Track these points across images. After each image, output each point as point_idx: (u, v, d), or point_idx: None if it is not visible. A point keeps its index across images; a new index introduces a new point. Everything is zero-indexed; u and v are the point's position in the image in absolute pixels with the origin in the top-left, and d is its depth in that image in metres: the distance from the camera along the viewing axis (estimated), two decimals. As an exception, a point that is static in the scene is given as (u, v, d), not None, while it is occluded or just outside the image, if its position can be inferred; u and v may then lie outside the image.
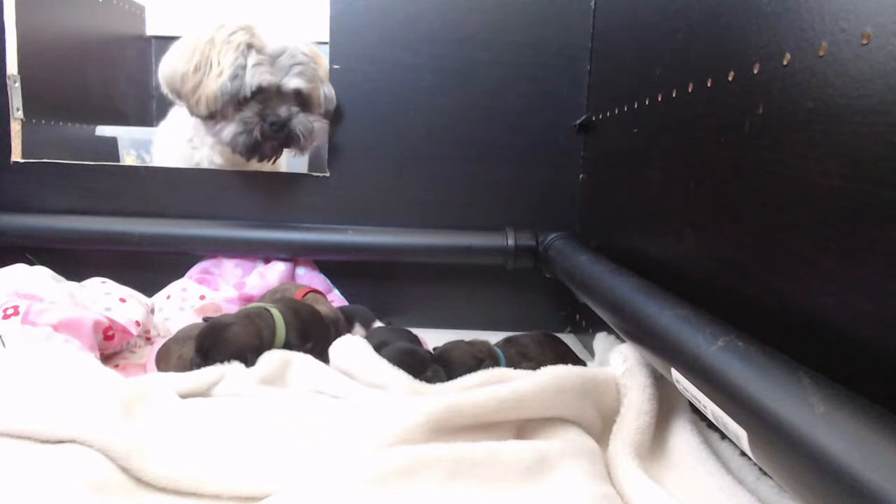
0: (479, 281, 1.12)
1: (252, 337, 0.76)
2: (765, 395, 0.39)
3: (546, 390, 0.60)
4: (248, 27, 1.01)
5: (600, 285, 0.74)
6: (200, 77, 1.02)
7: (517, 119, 1.07)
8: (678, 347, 0.51)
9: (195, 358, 0.73)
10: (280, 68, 1.02)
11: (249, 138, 1.01)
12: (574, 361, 0.80)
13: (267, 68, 1.01)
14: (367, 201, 1.10)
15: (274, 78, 1.02)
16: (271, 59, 1.02)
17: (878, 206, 0.38)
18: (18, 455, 0.52)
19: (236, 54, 1.00)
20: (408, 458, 0.52)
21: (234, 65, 0.99)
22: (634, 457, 0.57)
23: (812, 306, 0.44)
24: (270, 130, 1.02)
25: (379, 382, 0.70)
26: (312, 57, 1.07)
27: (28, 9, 1.09)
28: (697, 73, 0.62)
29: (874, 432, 0.32)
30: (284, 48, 1.02)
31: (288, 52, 1.02)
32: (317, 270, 1.12)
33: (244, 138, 1.02)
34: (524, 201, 1.10)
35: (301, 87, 1.03)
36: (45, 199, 1.08)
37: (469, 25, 1.05)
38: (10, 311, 0.76)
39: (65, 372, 0.64)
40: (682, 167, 0.66)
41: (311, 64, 1.05)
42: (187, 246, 1.08)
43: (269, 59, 1.02)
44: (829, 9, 0.43)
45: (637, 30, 0.83)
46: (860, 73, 0.40)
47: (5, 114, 1.07)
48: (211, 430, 0.59)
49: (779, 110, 0.49)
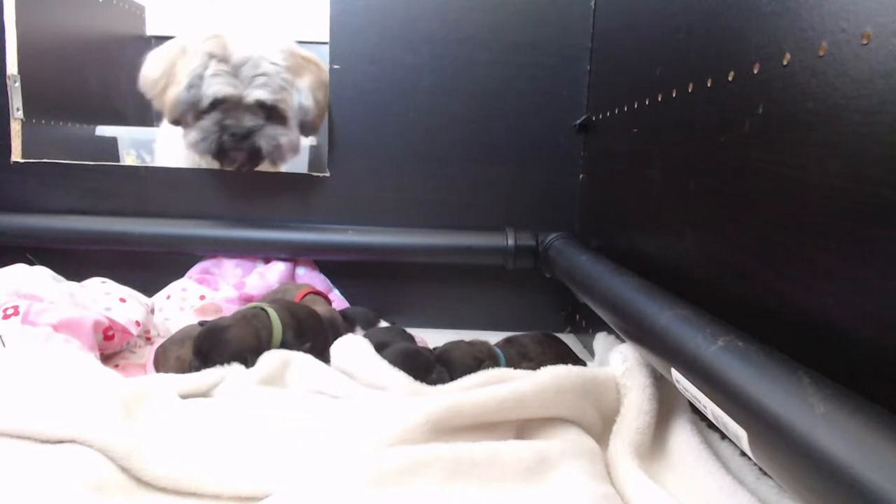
0: (479, 281, 1.12)
1: (250, 338, 0.76)
2: (765, 395, 0.39)
3: (546, 390, 0.60)
4: (218, 36, 0.99)
5: (600, 285, 0.74)
6: (165, 84, 1.02)
7: (517, 119, 1.07)
8: (678, 347, 0.51)
9: (194, 361, 0.73)
10: (243, 79, 0.99)
11: (209, 145, 1.00)
12: (574, 361, 0.80)
13: (227, 79, 0.98)
14: (367, 201, 1.10)
15: (234, 89, 0.99)
16: (234, 70, 0.99)
17: (878, 206, 0.38)
18: (18, 455, 0.52)
19: (196, 64, 0.98)
20: (408, 458, 0.52)
21: (192, 74, 0.98)
22: (634, 457, 0.57)
23: (812, 306, 0.44)
24: (231, 141, 0.99)
25: (379, 383, 0.70)
26: (287, 67, 1.03)
27: (28, 9, 1.09)
28: (697, 73, 0.62)
29: (874, 432, 0.32)
30: (248, 58, 0.99)
31: (251, 63, 0.99)
32: (317, 270, 1.12)
33: (204, 145, 1.00)
34: (524, 201, 1.10)
35: (264, 99, 1.00)
36: (45, 199, 1.08)
37: (469, 25, 1.05)
38: (10, 311, 0.76)
39: (65, 372, 0.64)
40: (682, 167, 0.66)
41: (283, 75, 1.02)
42: (187, 246, 1.08)
43: (233, 69, 0.99)
44: (829, 9, 0.43)
45: (637, 30, 0.83)
46: (860, 73, 0.40)
47: (5, 114, 1.07)
48: (211, 431, 0.59)
49: (779, 110, 0.49)
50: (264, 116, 1.01)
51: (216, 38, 0.99)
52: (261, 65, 0.99)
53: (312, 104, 1.05)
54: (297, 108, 1.04)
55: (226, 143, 1.00)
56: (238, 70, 0.99)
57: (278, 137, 1.01)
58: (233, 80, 0.99)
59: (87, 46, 1.34)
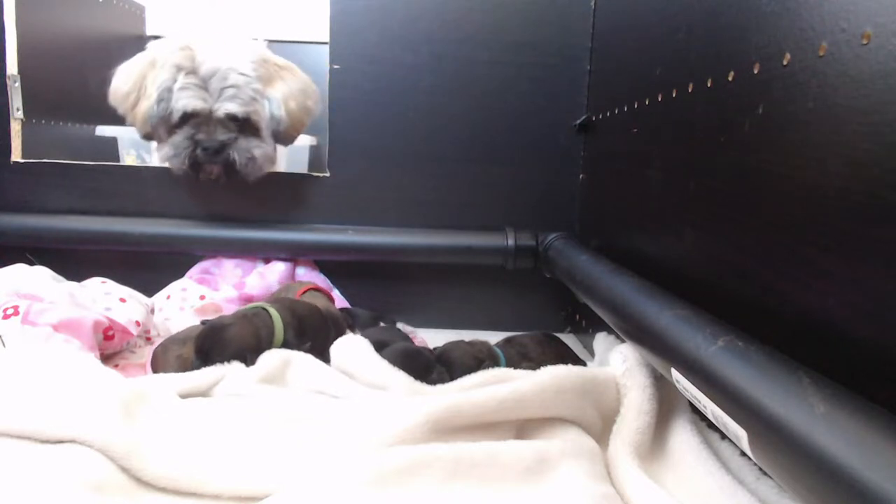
0: (479, 281, 1.12)
1: (251, 337, 0.76)
2: (765, 395, 0.39)
3: (546, 390, 0.60)
4: (186, 46, 0.96)
5: (600, 285, 0.74)
6: (136, 98, 1.00)
7: (517, 119, 1.07)
8: (678, 347, 0.51)
9: (195, 360, 0.73)
10: (212, 91, 0.96)
11: (182, 160, 0.97)
12: (574, 361, 0.80)
13: (196, 91, 0.95)
14: (367, 201, 1.10)
15: (204, 103, 0.96)
16: (203, 82, 0.96)
17: (878, 206, 0.38)
18: (18, 455, 0.52)
19: (165, 77, 0.96)
20: (408, 458, 0.52)
21: (161, 88, 0.96)
22: (634, 457, 0.57)
23: (812, 306, 0.44)
24: (204, 155, 0.97)
25: (379, 383, 0.70)
26: (258, 77, 0.99)
27: (28, 9, 1.09)
28: (697, 73, 0.62)
29: (874, 432, 0.32)
30: (216, 69, 0.95)
31: (219, 75, 0.95)
32: (317, 270, 1.12)
33: (177, 161, 0.97)
34: (524, 201, 1.10)
35: (235, 112, 0.96)
36: (45, 199, 1.08)
37: (469, 25, 1.05)
38: (10, 311, 0.76)
39: (65, 372, 0.64)
40: (682, 167, 0.66)
41: (253, 85, 0.98)
42: (187, 246, 1.08)
43: (202, 81, 0.96)
44: (829, 9, 0.43)
45: (637, 30, 0.83)
46: (860, 73, 0.40)
47: (5, 114, 1.07)
48: (211, 430, 0.59)
49: (779, 110, 0.49)
50: (237, 129, 0.98)
51: (184, 50, 0.96)
52: (229, 76, 0.96)
53: (285, 114, 1.01)
54: (270, 118, 1.01)
55: (199, 158, 0.97)
56: (207, 82, 0.95)
57: (252, 150, 0.99)
58: (202, 93, 0.96)
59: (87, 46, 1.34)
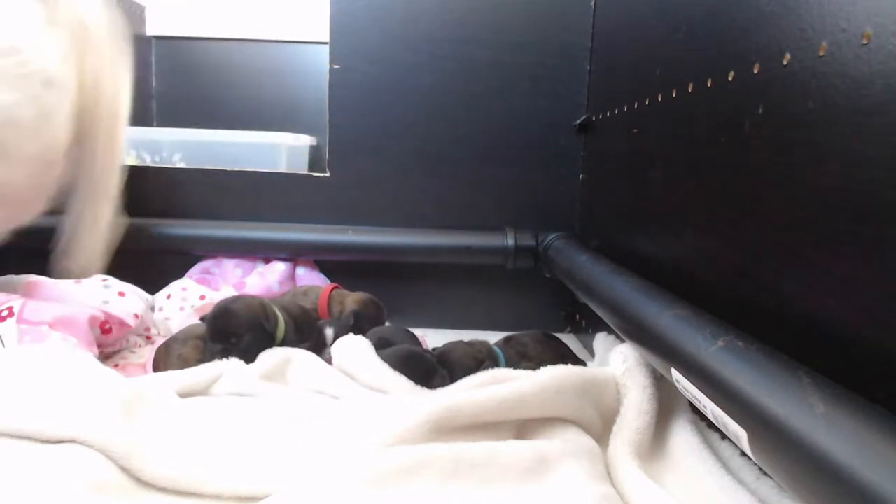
0: (479, 281, 1.12)
1: (258, 308, 0.76)
2: (765, 395, 0.39)
3: (546, 390, 0.60)
4: None
5: (600, 285, 0.74)
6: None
7: (517, 119, 1.07)
8: (678, 347, 0.51)
9: (212, 346, 0.73)
10: None
11: None
12: (574, 361, 0.80)
13: None
14: (367, 201, 1.10)
15: None
16: None
17: (878, 206, 0.38)
18: (18, 455, 0.52)
19: None
20: (408, 458, 0.52)
21: None
22: (634, 457, 0.57)
23: (812, 306, 0.44)
24: None
25: (380, 386, 0.70)
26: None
27: (28, 9, 1.09)
28: (697, 73, 0.62)
29: (874, 432, 0.32)
30: None
31: None
32: (317, 270, 1.12)
33: None
34: (524, 201, 1.10)
35: None
36: (45, 199, 1.08)
37: (470, 25, 1.05)
38: (4, 312, 0.75)
39: (65, 372, 0.64)
40: (682, 167, 0.66)
41: None
42: (187, 246, 1.08)
43: None
44: (829, 9, 0.43)
45: (637, 30, 0.83)
46: (860, 73, 0.40)
47: (5, 114, 1.07)
48: (211, 430, 0.59)
49: (779, 110, 0.49)
50: None
51: None
52: None
53: None
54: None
55: None
56: None
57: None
58: None
59: (87, 46, 1.34)
